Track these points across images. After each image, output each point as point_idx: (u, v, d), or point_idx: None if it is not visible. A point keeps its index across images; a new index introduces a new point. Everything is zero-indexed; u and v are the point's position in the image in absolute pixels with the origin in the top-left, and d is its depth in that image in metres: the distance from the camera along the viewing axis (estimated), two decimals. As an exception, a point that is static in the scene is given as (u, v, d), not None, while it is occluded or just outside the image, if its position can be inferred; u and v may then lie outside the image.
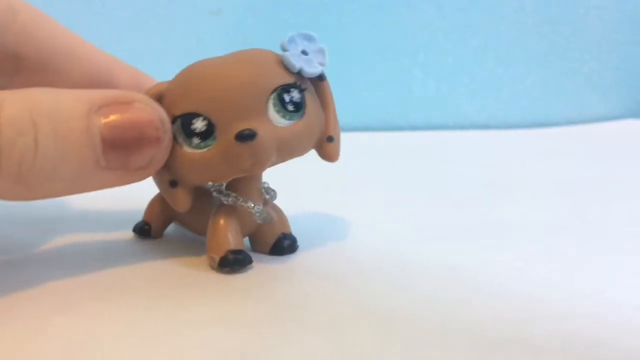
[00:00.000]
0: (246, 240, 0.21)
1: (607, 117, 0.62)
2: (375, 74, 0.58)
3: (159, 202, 0.23)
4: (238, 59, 0.19)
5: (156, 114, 0.18)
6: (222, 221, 0.20)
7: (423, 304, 0.17)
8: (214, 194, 0.20)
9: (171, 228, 0.24)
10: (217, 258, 0.19)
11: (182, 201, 0.20)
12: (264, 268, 0.20)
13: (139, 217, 0.24)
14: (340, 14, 0.57)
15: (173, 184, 0.19)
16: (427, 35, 0.58)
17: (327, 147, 0.20)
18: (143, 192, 0.23)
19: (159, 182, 0.20)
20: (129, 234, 0.24)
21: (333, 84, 0.21)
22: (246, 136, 0.17)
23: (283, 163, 0.20)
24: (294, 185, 0.24)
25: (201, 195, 0.21)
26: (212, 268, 0.20)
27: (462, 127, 0.59)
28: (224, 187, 0.20)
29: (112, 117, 0.17)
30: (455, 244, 0.22)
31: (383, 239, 0.23)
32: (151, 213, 0.24)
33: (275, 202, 0.21)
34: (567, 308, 0.16)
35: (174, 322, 0.16)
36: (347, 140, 0.24)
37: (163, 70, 0.23)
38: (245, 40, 0.57)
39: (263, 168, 0.19)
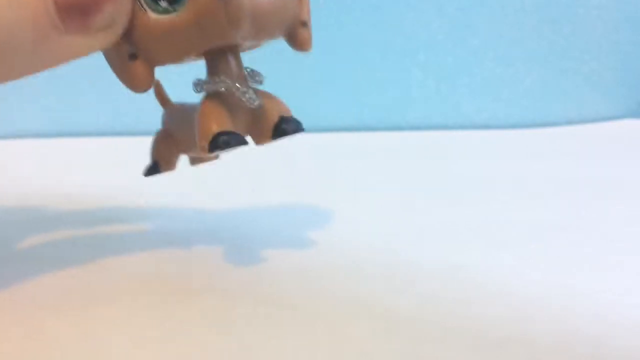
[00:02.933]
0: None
1: (607, 117, 0.62)
2: (375, 74, 0.58)
3: (163, 137, 0.22)
4: None
5: None
6: (208, 105, 0.18)
7: (423, 304, 0.17)
8: (196, 90, 0.19)
9: (174, 229, 0.24)
10: (206, 144, 0.18)
11: (142, 76, 0.18)
12: (264, 268, 0.20)
13: (138, 215, 0.24)
14: (340, 14, 0.57)
15: (133, 57, 0.18)
16: (427, 35, 0.58)
17: (301, 32, 0.19)
18: (141, 199, 0.23)
19: (116, 57, 0.18)
20: (128, 230, 0.24)
21: (333, 83, 0.20)
22: None
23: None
24: (293, 185, 0.24)
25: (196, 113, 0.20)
26: (207, 157, 0.18)
27: (462, 127, 0.59)
28: (204, 79, 0.19)
29: None
30: (455, 243, 0.22)
31: (383, 239, 0.23)
32: (157, 149, 0.22)
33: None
34: (567, 308, 0.16)
35: (171, 322, 0.16)
36: (347, 140, 0.24)
37: (162, 69, 0.23)
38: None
39: (238, 34, 0.17)
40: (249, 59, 0.20)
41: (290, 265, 0.20)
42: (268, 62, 0.22)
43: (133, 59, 0.18)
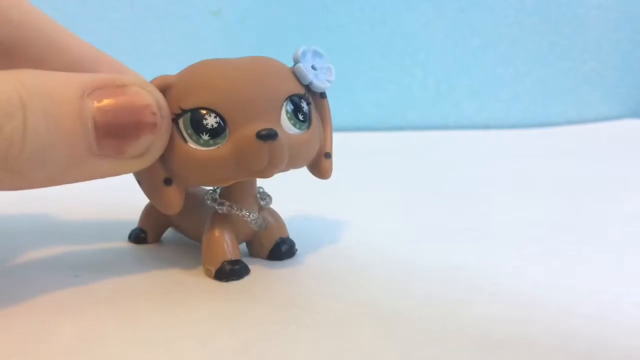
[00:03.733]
0: (243, 245, 0.21)
1: (607, 117, 0.62)
2: (375, 74, 0.58)
3: (154, 208, 0.22)
4: (254, 61, 0.18)
5: (153, 99, 0.17)
6: (217, 232, 0.19)
7: (423, 304, 0.17)
8: (208, 202, 0.20)
9: (168, 233, 0.24)
10: (213, 270, 0.19)
11: (174, 201, 0.18)
12: (263, 269, 0.20)
13: (133, 225, 0.24)
14: (340, 14, 0.57)
15: (168, 182, 0.18)
16: (427, 35, 0.59)
17: (324, 163, 0.20)
18: (138, 198, 0.23)
19: (149, 179, 0.18)
20: (125, 240, 0.24)
21: (333, 83, 0.20)
22: (268, 135, 0.17)
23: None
24: (293, 185, 0.24)
25: (197, 201, 0.21)
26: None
27: (462, 127, 0.59)
28: (217, 194, 0.20)
29: (106, 101, 0.16)
30: (455, 244, 0.22)
31: (383, 239, 0.23)
32: (147, 219, 0.23)
33: (275, 203, 0.21)
34: (567, 307, 0.16)
35: (174, 323, 0.16)
36: (347, 140, 0.24)
37: (163, 71, 0.23)
38: (245, 41, 0.57)
39: (274, 172, 0.18)
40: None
41: (290, 265, 0.20)
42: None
43: (168, 184, 0.18)
